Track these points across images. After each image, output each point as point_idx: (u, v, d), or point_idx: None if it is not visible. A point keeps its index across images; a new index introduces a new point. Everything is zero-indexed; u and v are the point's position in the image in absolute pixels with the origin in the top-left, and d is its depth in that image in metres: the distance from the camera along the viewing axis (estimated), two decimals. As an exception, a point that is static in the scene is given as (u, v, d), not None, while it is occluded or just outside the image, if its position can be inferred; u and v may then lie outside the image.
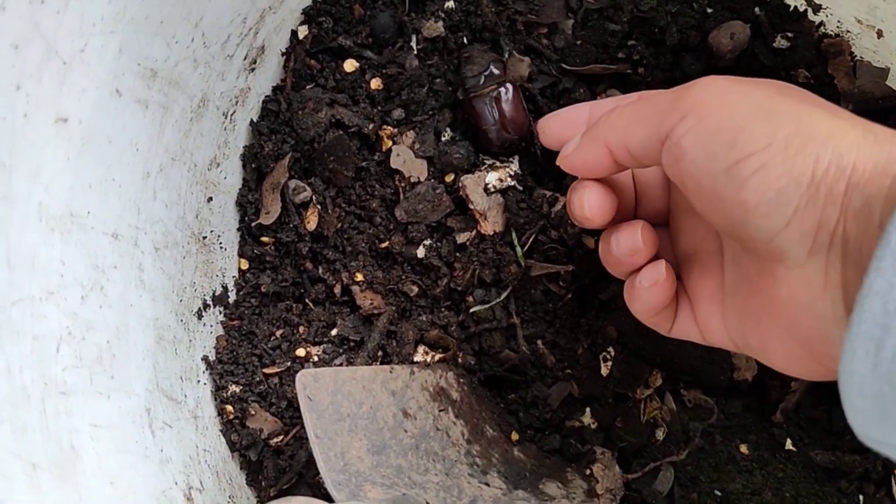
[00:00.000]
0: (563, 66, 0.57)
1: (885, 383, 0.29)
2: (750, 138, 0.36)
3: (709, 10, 0.57)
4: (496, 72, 0.54)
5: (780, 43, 0.56)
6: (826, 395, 0.59)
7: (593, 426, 0.59)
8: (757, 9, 0.56)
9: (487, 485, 0.52)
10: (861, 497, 0.56)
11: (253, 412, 0.56)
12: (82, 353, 0.41)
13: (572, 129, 0.51)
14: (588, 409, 0.59)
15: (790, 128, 0.35)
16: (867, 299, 0.30)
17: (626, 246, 0.47)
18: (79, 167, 0.41)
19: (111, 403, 0.43)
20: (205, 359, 0.56)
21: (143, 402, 0.47)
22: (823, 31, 0.57)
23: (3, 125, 0.36)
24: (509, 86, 0.55)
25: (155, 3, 0.43)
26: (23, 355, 0.37)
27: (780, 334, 0.39)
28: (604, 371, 0.59)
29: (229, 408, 0.56)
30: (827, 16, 0.56)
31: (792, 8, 0.57)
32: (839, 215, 0.34)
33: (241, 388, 0.56)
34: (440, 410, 0.55)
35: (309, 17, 0.57)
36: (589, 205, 0.47)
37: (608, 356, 0.59)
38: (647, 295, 0.46)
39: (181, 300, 0.53)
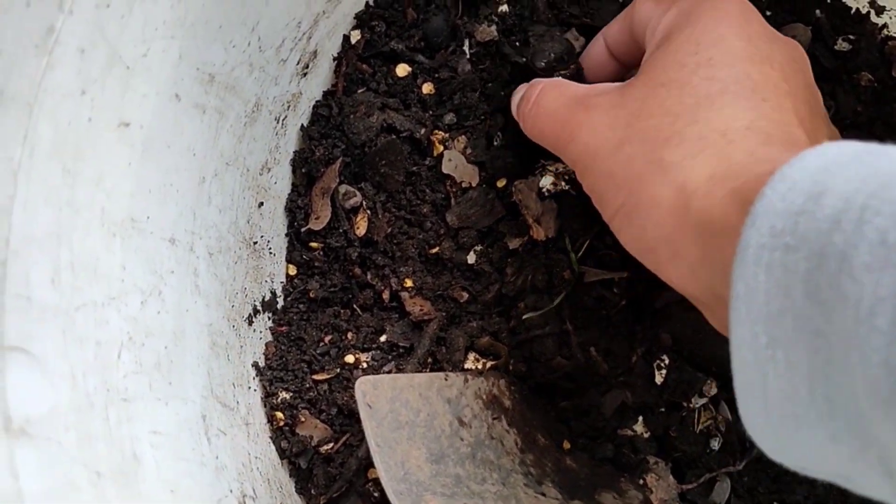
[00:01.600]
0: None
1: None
2: (605, 207, 0.40)
3: (768, 13, 0.55)
4: (568, 51, 0.52)
5: (842, 45, 0.55)
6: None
7: (646, 435, 0.58)
8: (818, 11, 0.55)
9: (544, 495, 0.51)
10: (931, 510, 0.55)
11: (303, 419, 0.55)
12: (142, 359, 0.41)
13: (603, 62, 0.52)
14: (641, 418, 0.58)
15: (623, 196, 0.38)
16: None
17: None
18: (140, 172, 0.41)
19: (169, 410, 0.43)
20: (255, 365, 0.55)
21: (199, 408, 0.46)
22: (887, 32, 0.55)
23: (69, 130, 0.36)
24: (581, 68, 0.52)
25: (214, 7, 0.43)
26: (86, 361, 0.37)
27: None
28: (658, 379, 0.58)
29: (279, 414, 0.55)
30: (891, 17, 0.55)
31: (854, 10, 0.55)
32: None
33: (290, 394, 0.56)
34: (494, 419, 0.54)
35: (361, 21, 0.57)
36: None
37: (662, 364, 0.58)
38: None
39: (233, 306, 0.53)
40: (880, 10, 0.55)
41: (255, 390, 0.55)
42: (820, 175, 0.28)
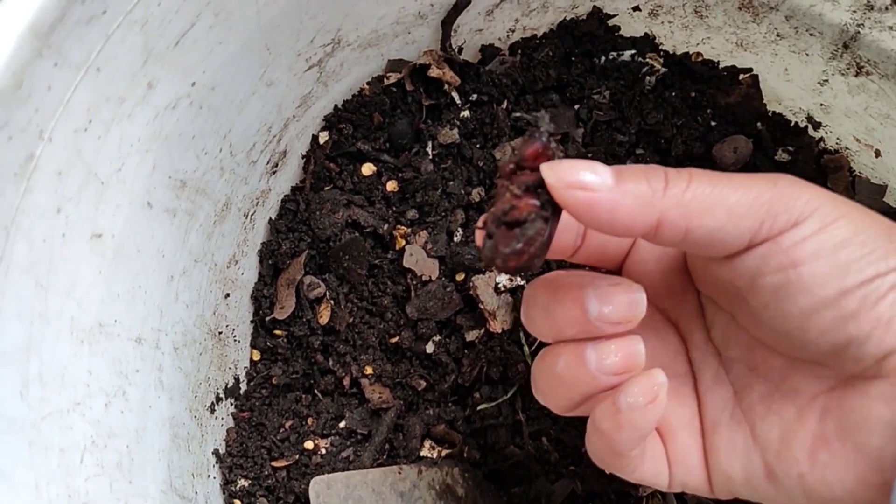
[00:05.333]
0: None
1: None
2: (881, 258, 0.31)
3: (713, 123, 0.59)
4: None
5: (782, 156, 0.58)
6: None
7: (596, 523, 0.60)
8: (759, 123, 0.59)
9: (493, 588, 0.53)
10: None
11: (261, 506, 0.56)
12: (104, 461, 0.42)
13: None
14: (591, 506, 0.60)
15: None
16: None
17: (621, 359, 0.35)
18: (109, 279, 0.42)
19: (129, 509, 0.44)
20: (215, 452, 0.56)
21: (158, 503, 0.47)
22: (823, 146, 0.59)
23: (43, 247, 0.37)
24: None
25: (189, 119, 0.45)
26: (50, 469, 0.38)
27: (849, 462, 0.32)
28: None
29: (237, 502, 0.56)
30: (826, 133, 0.59)
31: (793, 123, 0.59)
32: None
33: (249, 482, 0.57)
34: (447, 509, 0.56)
35: (330, 123, 0.59)
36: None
37: (611, 454, 0.60)
38: (640, 418, 0.34)
39: (196, 396, 0.54)
40: (817, 126, 0.59)
41: (214, 478, 0.56)
42: None
